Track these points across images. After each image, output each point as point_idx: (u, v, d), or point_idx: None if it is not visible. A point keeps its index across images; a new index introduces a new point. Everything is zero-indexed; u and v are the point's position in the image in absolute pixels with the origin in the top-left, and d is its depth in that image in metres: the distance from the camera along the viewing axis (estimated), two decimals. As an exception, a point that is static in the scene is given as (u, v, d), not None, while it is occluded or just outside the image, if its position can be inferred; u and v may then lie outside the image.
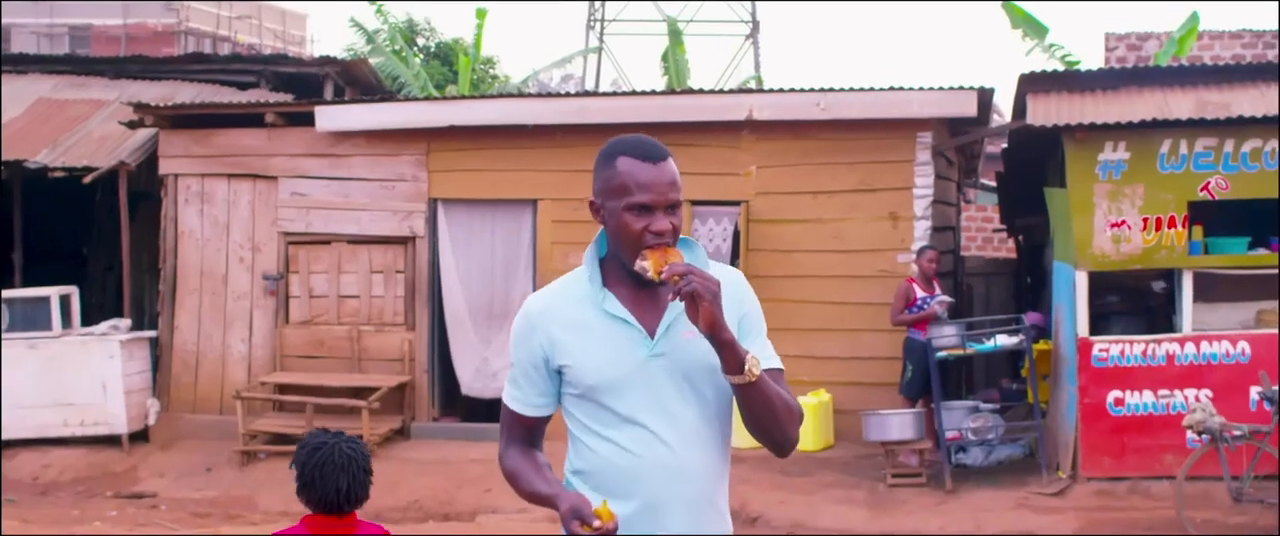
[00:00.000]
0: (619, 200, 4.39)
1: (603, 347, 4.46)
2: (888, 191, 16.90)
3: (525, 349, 4.56)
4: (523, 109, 18.19)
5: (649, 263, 4.32)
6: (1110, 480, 14.58)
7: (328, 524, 6.12)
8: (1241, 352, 14.45)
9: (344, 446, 6.16)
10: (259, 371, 18.38)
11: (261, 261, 18.51)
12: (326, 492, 6.07)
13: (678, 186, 4.43)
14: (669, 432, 4.44)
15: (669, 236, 4.39)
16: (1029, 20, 21.87)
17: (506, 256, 17.90)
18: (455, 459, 16.39)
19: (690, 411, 4.48)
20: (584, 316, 4.50)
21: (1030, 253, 21.76)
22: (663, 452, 4.44)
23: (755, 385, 4.35)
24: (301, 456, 6.13)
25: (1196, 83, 15.31)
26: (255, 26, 57.53)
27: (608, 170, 4.44)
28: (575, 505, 4.26)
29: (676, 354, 4.46)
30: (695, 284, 4.21)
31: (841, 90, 17.03)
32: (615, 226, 4.43)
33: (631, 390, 4.44)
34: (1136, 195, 14.55)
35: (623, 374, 4.44)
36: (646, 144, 4.48)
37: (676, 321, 4.45)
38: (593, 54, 41.46)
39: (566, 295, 4.57)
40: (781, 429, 4.47)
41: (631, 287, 4.50)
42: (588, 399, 4.49)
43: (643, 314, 4.49)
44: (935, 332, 15.68)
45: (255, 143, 18.44)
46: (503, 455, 4.67)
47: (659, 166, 4.41)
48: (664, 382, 4.45)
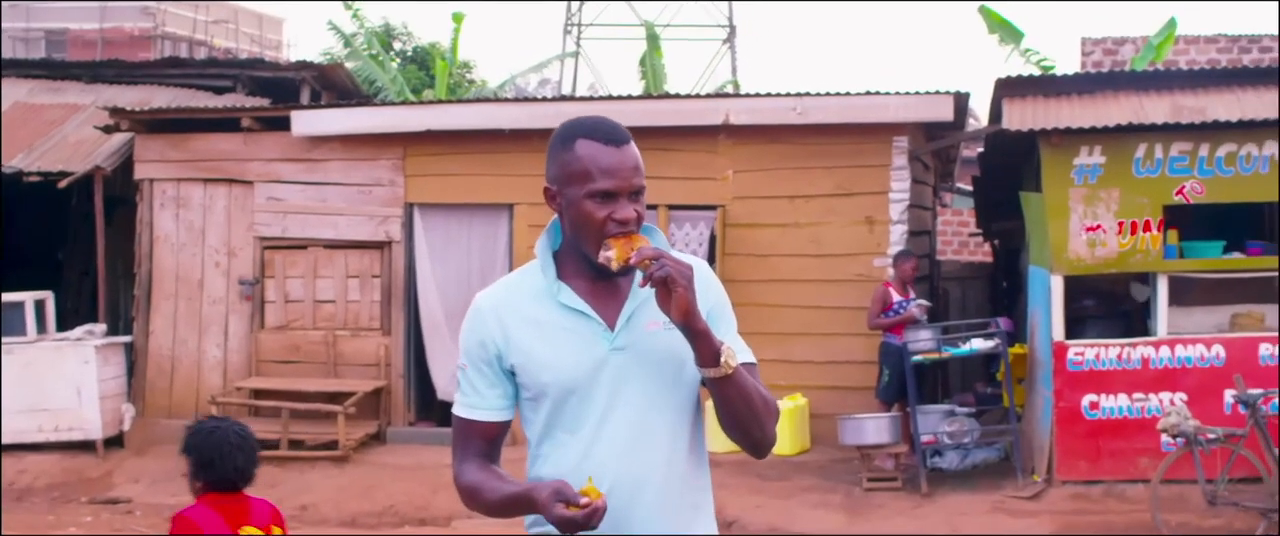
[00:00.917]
0: (579, 187, 4.03)
1: (559, 343, 4.08)
2: (864, 196, 16.92)
3: (477, 347, 4.16)
4: (499, 113, 18.17)
5: (613, 252, 3.96)
6: (1085, 483, 14.61)
7: (224, 500, 6.46)
8: (1216, 356, 14.49)
9: (235, 428, 6.61)
10: (234, 376, 18.35)
11: (237, 266, 18.47)
12: (226, 470, 6.46)
13: (641, 171, 4.08)
14: (635, 433, 4.07)
15: (633, 224, 4.02)
16: (1005, 24, 21.93)
17: (483, 261, 17.89)
18: (431, 463, 16.36)
19: (658, 408, 4.11)
20: (538, 311, 4.12)
21: (1006, 256, 21.81)
22: (629, 455, 4.06)
23: (731, 378, 3.98)
24: (197, 440, 6.54)
25: (1172, 87, 15.34)
26: (232, 31, 57.44)
27: (565, 154, 4.11)
28: (557, 488, 3.83)
29: (639, 346, 4.08)
30: (668, 268, 3.85)
31: (818, 94, 17.05)
32: (575, 215, 4.06)
33: (592, 388, 4.07)
34: (1112, 199, 14.58)
35: (582, 371, 4.06)
36: (606, 125, 4.13)
37: (639, 312, 4.09)
38: (570, 58, 41.47)
39: (519, 289, 4.20)
40: (760, 425, 4.09)
41: (589, 279, 4.13)
42: (544, 400, 4.10)
43: (601, 305, 4.11)
44: (911, 337, 15.71)
45: (231, 147, 18.41)
46: (458, 473, 4.22)
47: (622, 150, 4.06)
48: (627, 378, 4.07)
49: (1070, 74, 16.59)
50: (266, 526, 6.54)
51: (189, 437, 6.60)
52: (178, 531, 6.39)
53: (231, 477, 6.49)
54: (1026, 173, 16.61)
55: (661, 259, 3.88)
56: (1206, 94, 15.01)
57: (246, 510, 6.51)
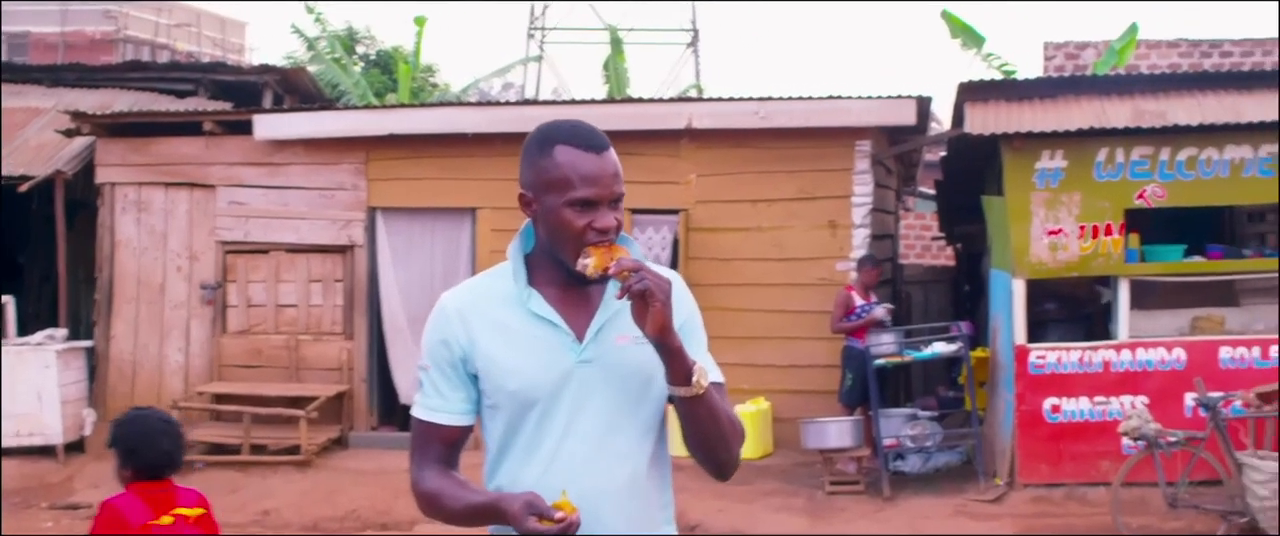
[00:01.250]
0: (558, 195, 3.89)
1: (525, 351, 3.97)
2: (827, 199, 16.96)
3: (442, 348, 4.04)
4: (462, 117, 18.16)
5: (592, 260, 3.84)
6: (1047, 486, 14.64)
7: (151, 489, 6.46)
8: (1177, 359, 14.54)
9: (159, 415, 6.72)
10: (196, 381, 18.30)
11: (199, 270, 18.43)
12: (153, 456, 6.47)
13: (621, 177, 3.96)
14: (597, 448, 3.96)
15: (613, 233, 3.91)
16: (967, 29, 21.99)
17: (446, 265, 17.87)
18: (393, 468, 16.32)
19: (622, 424, 4.00)
20: (506, 316, 4.00)
21: (969, 260, 21.86)
22: (591, 471, 3.95)
23: (701, 398, 3.88)
24: (123, 429, 6.54)
25: (1133, 91, 15.38)
26: (194, 34, 57.28)
27: (543, 160, 3.95)
28: (529, 501, 3.71)
29: (607, 360, 3.97)
30: (647, 282, 3.73)
31: (781, 98, 17.08)
32: (553, 223, 3.93)
33: (556, 399, 3.95)
34: (1073, 203, 14.62)
35: (547, 381, 3.95)
36: (585, 131, 3.99)
37: (609, 324, 3.99)
38: (533, 62, 41.40)
39: (488, 292, 4.08)
40: (726, 447, 4.01)
41: (560, 287, 4.02)
42: (506, 408, 3.99)
43: (571, 315, 4.00)
44: (873, 340, 15.74)
45: (193, 151, 18.36)
46: (417, 479, 4.09)
47: (602, 157, 3.94)
48: (592, 392, 3.97)
49: (1032, 78, 16.64)
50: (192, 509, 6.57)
51: (114, 429, 6.61)
52: (103, 518, 6.43)
53: (159, 463, 6.50)
54: (989, 176, 16.66)
55: (641, 271, 3.77)
56: (1167, 98, 15.05)
57: (173, 498, 6.51)
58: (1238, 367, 14.41)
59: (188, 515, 6.51)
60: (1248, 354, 14.49)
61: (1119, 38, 20.88)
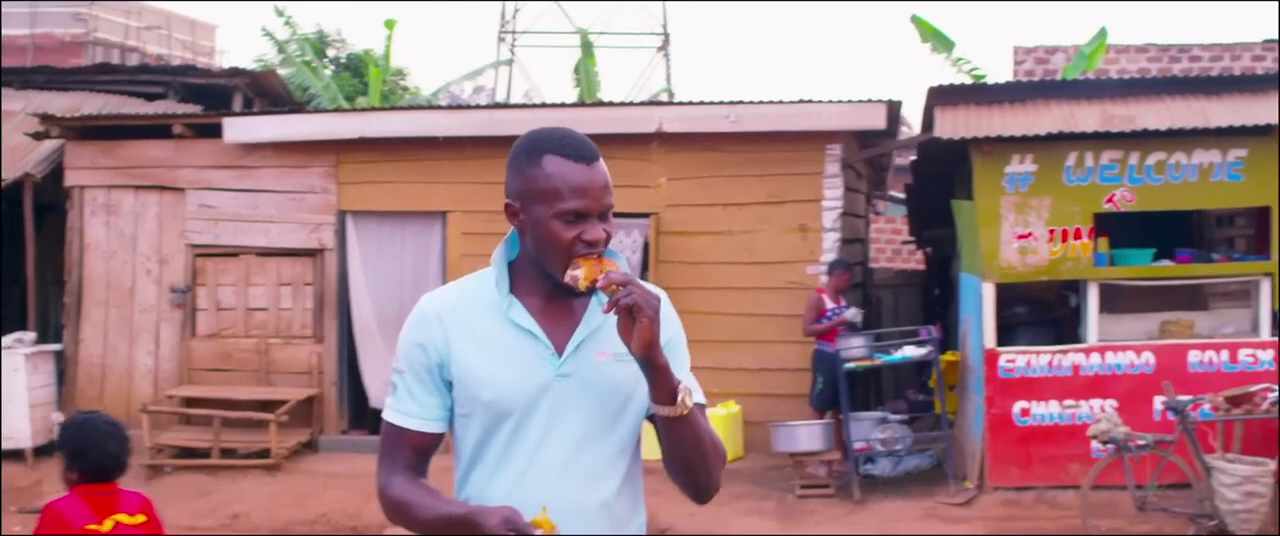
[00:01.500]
0: (547, 206, 3.78)
1: (502, 361, 3.85)
2: (797, 203, 16.98)
3: (418, 350, 3.91)
4: (432, 121, 18.15)
5: (581, 272, 3.74)
6: (1017, 490, 14.67)
7: (96, 491, 6.51)
8: (1146, 363, 14.58)
9: (105, 418, 6.72)
10: (166, 385, 18.25)
11: (168, 274, 18.38)
12: (100, 458, 6.52)
13: (611, 189, 3.87)
14: (569, 465, 3.85)
15: (602, 246, 3.81)
16: (937, 34, 22.01)
17: (416, 269, 17.85)
18: (364, 472, 16.29)
19: (595, 442, 3.89)
20: (485, 324, 3.89)
21: (939, 264, 21.91)
22: (562, 487, 3.84)
23: (685, 420, 3.78)
24: (69, 432, 6.63)
25: (1103, 96, 15.43)
26: (164, 37, 57.06)
27: (532, 170, 3.83)
28: (507, 517, 3.57)
29: (585, 376, 3.87)
30: (636, 297, 3.63)
31: (751, 103, 17.09)
32: (541, 234, 3.81)
33: (529, 413, 3.84)
34: (1043, 207, 14.66)
35: (522, 393, 3.83)
36: (575, 140, 3.87)
37: (590, 339, 3.89)
38: (504, 66, 41.37)
39: (468, 298, 3.96)
40: (707, 470, 3.90)
41: (543, 298, 3.91)
42: (478, 418, 3.88)
43: (552, 328, 3.89)
44: (844, 344, 15.76)
45: (163, 154, 18.32)
46: (386, 484, 3.95)
47: (593, 168, 3.83)
48: (568, 407, 3.86)
49: (1002, 83, 16.66)
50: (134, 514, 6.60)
51: (62, 431, 6.72)
52: (45, 520, 6.47)
53: (105, 465, 6.54)
54: (959, 181, 16.69)
55: (630, 286, 3.67)
56: (1136, 103, 15.10)
57: (115, 502, 6.55)
58: (1206, 371, 14.46)
59: (128, 522, 6.54)
60: (1216, 357, 14.54)
61: (1088, 42, 20.92)
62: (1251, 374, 14.28)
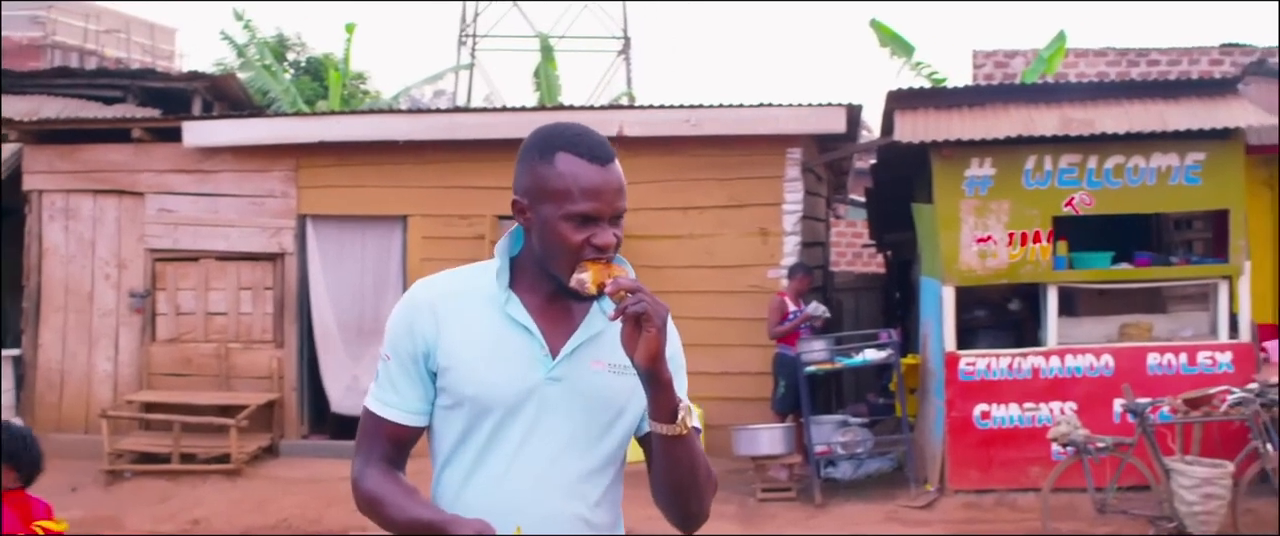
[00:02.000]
0: (557, 206, 3.59)
1: (492, 355, 3.66)
2: (758, 207, 16.99)
3: (406, 338, 3.72)
4: (393, 125, 18.11)
5: (588, 275, 3.56)
6: (977, 492, 14.72)
7: (20, 498, 6.57)
8: (1105, 366, 14.64)
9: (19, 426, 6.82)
10: (125, 390, 18.17)
11: (128, 278, 18.31)
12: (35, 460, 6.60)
13: (624, 193, 3.67)
14: (549, 474, 3.67)
15: (613, 251, 3.64)
16: (896, 38, 22.06)
17: (376, 273, 17.83)
18: (325, 477, 16.26)
19: (579, 453, 3.70)
20: (479, 315, 3.71)
21: (899, 268, 21.93)
22: (538, 498, 3.65)
23: (683, 440, 3.61)
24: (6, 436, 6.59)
25: (1061, 100, 15.47)
26: (123, 41, 56.83)
27: (543, 168, 3.64)
28: (479, 530, 3.42)
29: (576, 382, 3.68)
30: (645, 305, 3.45)
31: (712, 107, 17.10)
32: (549, 235, 3.63)
33: (513, 414, 3.65)
34: (1002, 211, 14.71)
35: (510, 391, 3.64)
36: (591, 139, 3.68)
37: (586, 346, 3.70)
38: (465, 70, 41.33)
39: (465, 287, 3.77)
40: (698, 498, 3.76)
41: (544, 299, 3.73)
42: (460, 413, 3.68)
43: (549, 328, 3.71)
44: (805, 348, 15.77)
45: (122, 158, 18.25)
46: (360, 476, 3.75)
47: (607, 169, 3.63)
48: (555, 413, 3.67)
49: (961, 87, 16.70)
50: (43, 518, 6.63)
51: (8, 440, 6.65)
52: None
53: (38, 467, 6.63)
54: (918, 184, 16.72)
55: (640, 293, 3.48)
56: (1095, 106, 15.15)
57: (31, 507, 6.59)
58: (1165, 374, 14.54)
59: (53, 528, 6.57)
60: (1175, 360, 14.62)
61: (1047, 46, 20.99)
62: (1210, 376, 14.35)
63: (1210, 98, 15.18)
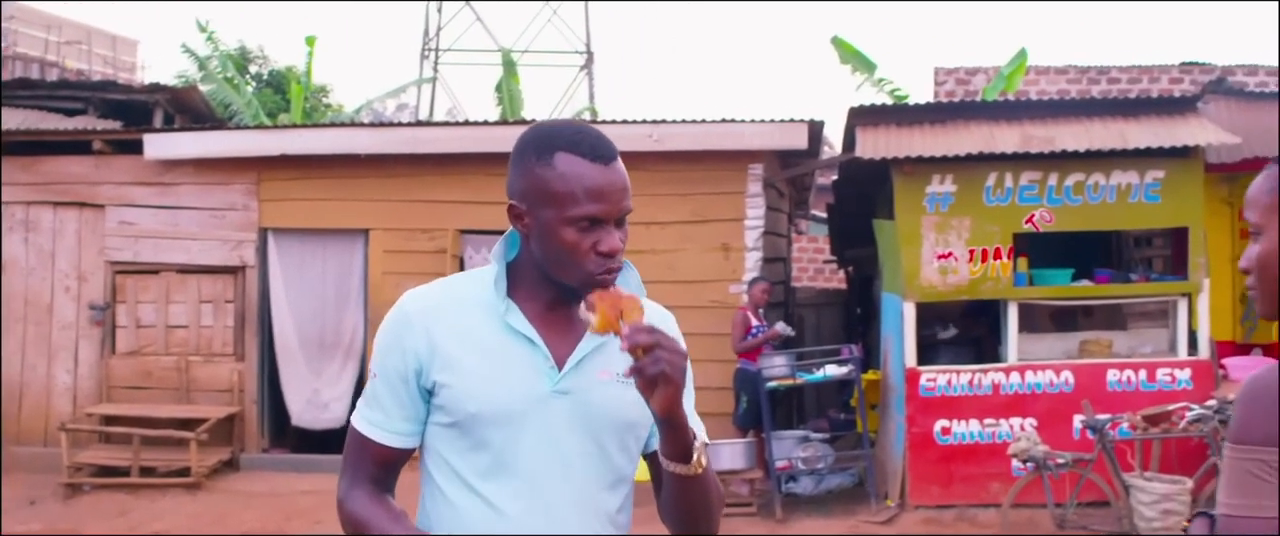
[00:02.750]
0: (558, 210, 3.36)
1: (493, 369, 3.42)
2: (720, 222, 17.00)
3: (396, 355, 3.48)
4: (354, 138, 18.07)
5: (595, 316, 3.27)
6: (938, 508, 14.74)
7: None
8: (1065, 382, 14.69)
9: None
10: (85, 402, 18.09)
11: (88, 291, 18.24)
12: None
13: (629, 192, 3.47)
14: (556, 492, 3.43)
15: (619, 257, 3.44)
16: (858, 56, 22.11)
17: (338, 287, 17.79)
18: (285, 490, 16.23)
19: (587, 470, 3.47)
20: (477, 326, 3.46)
21: (860, 283, 22.00)
22: (542, 518, 3.42)
23: (698, 476, 3.41)
24: None
25: (1022, 117, 15.53)
26: (85, 52, 56.64)
27: (542, 169, 3.40)
28: None
29: (584, 395, 3.44)
30: (664, 365, 3.20)
31: (674, 122, 17.10)
32: (551, 242, 3.40)
33: (520, 430, 3.41)
34: (963, 227, 14.76)
35: (514, 407, 3.40)
36: (592, 137, 3.46)
37: (594, 355, 3.49)
38: (427, 83, 41.31)
39: (460, 297, 3.53)
40: (709, 521, 3.56)
41: (544, 306, 3.51)
42: (460, 432, 3.43)
43: (553, 336, 3.49)
44: (766, 363, 15.80)
45: (82, 170, 18.18)
46: (345, 497, 3.57)
47: (610, 168, 3.41)
48: (562, 428, 3.43)
49: (923, 103, 16.74)
50: None
51: None
52: None
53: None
54: (880, 200, 16.77)
55: (657, 351, 3.21)
56: (1055, 124, 15.21)
57: None
58: (1125, 390, 14.59)
59: None
60: (1135, 376, 14.67)
61: (1008, 64, 21.06)
62: (1169, 393, 14.41)
63: (1170, 116, 15.26)
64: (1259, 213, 3.15)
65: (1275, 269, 3.12)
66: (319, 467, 17.17)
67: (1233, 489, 2.94)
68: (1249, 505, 2.91)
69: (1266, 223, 3.13)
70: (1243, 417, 2.96)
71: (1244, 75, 21.58)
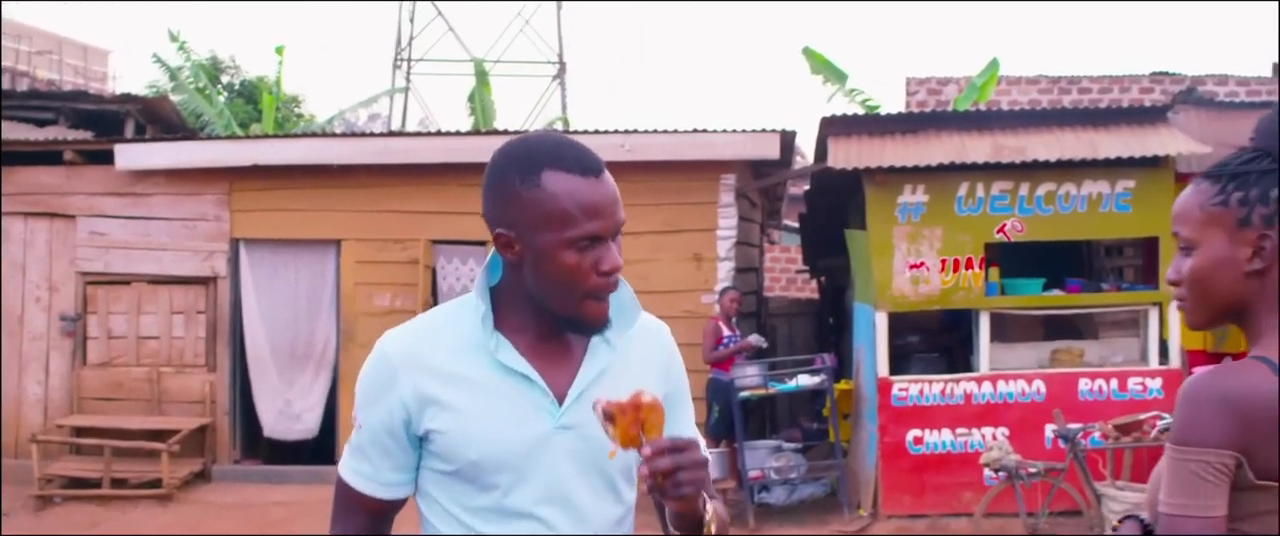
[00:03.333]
0: (556, 232, 3.15)
1: (493, 412, 3.21)
2: (692, 232, 17.00)
3: (381, 406, 3.26)
4: (326, 149, 18.05)
5: (615, 429, 3.02)
6: (910, 517, 14.76)
7: None
8: (1037, 391, 14.72)
9: None
10: (56, 414, 18.02)
11: (59, 302, 18.17)
12: None
13: (620, 202, 3.29)
14: (564, 530, 3.25)
15: (618, 275, 3.25)
16: (829, 66, 22.10)
17: (310, 297, 17.76)
18: (257, 501, 16.19)
19: (595, 504, 3.30)
20: (468, 368, 3.24)
21: (833, 293, 22.00)
22: None
23: None
24: None
25: (993, 127, 15.57)
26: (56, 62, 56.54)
27: (530, 192, 3.17)
28: None
29: (588, 429, 3.19)
30: (687, 488, 3.01)
31: (646, 132, 17.11)
32: (549, 268, 3.18)
33: (526, 472, 3.22)
34: (935, 237, 14.78)
35: (516, 449, 3.20)
36: (576, 150, 3.26)
37: (593, 386, 3.28)
38: (400, 93, 41.26)
39: (442, 337, 3.29)
40: None
41: (535, 336, 3.29)
42: (459, 479, 3.24)
43: (549, 370, 3.28)
44: (738, 373, 15.80)
45: (53, 181, 18.11)
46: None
47: (602, 181, 3.24)
48: (568, 465, 3.25)
49: (894, 113, 16.79)
50: None
51: None
52: None
53: None
54: (852, 210, 16.79)
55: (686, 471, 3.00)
56: (1027, 134, 15.24)
57: None
58: (1096, 399, 14.62)
59: None
60: (1106, 386, 14.70)
61: (980, 74, 21.09)
62: (1140, 402, 14.44)
63: (1140, 126, 15.31)
64: (1192, 227, 3.24)
65: (1209, 282, 3.21)
66: (291, 478, 17.13)
67: (1177, 489, 3.02)
68: (1193, 505, 2.98)
69: (1201, 237, 3.21)
70: (1185, 420, 3.05)
71: (1214, 85, 21.66)
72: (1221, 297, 3.21)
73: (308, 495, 16.07)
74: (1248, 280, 3.17)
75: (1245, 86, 21.69)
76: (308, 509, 15.45)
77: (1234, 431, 2.97)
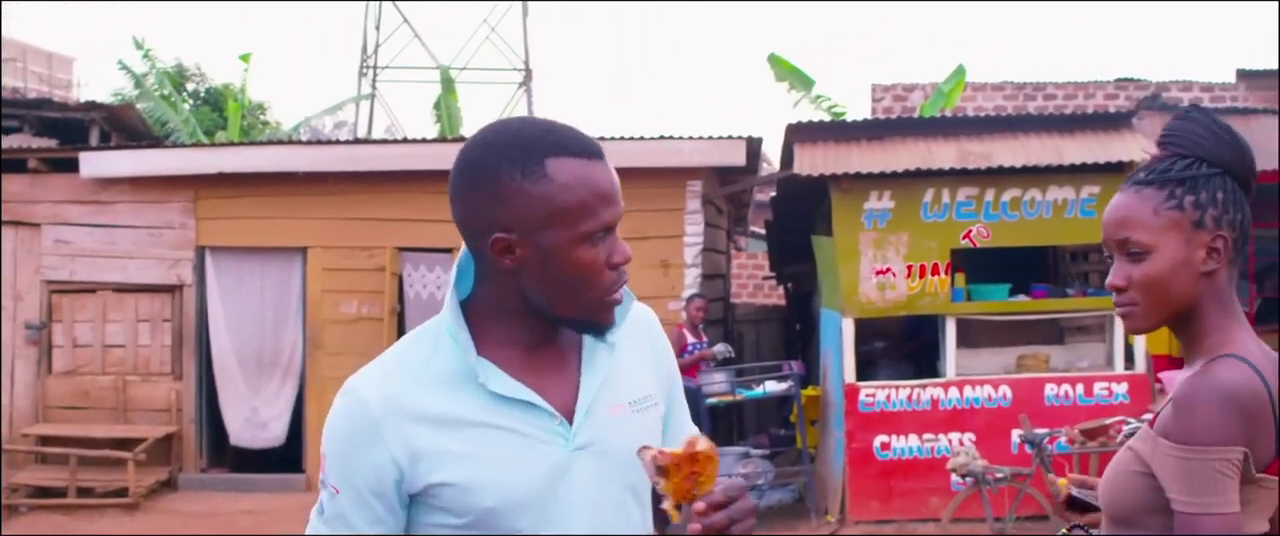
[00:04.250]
0: (571, 227, 2.82)
1: (498, 451, 2.83)
2: (659, 239, 16.99)
3: (364, 466, 2.83)
4: (292, 156, 18.02)
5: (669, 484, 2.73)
6: (878, 523, 14.77)
7: None
8: (1003, 397, 14.75)
9: None
10: (20, 423, 17.94)
11: (23, 310, 18.09)
12: None
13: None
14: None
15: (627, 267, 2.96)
16: (795, 72, 22.12)
17: (276, 305, 17.71)
18: (224, 510, 16.15)
19: (620, 517, 2.96)
20: (458, 406, 2.84)
21: (799, 299, 22.03)
22: None
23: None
24: None
25: (959, 133, 15.60)
26: (20, 70, 56.24)
27: (535, 185, 2.81)
28: None
29: (604, 443, 2.91)
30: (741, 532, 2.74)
31: (612, 138, 17.07)
32: (563, 269, 2.85)
33: (546, 504, 2.86)
34: (901, 243, 14.80)
35: (535, 485, 2.85)
36: (575, 134, 2.91)
37: (600, 395, 2.96)
38: (366, 101, 41.16)
39: (419, 374, 2.88)
40: None
41: (523, 350, 2.92)
42: (473, 528, 2.85)
43: (548, 387, 2.92)
44: (706, 380, 15.81)
45: (17, 189, 18.03)
46: None
47: (606, 163, 2.92)
48: (589, 486, 2.90)
49: (860, 120, 16.82)
50: None
51: None
52: None
53: None
54: (818, 217, 16.80)
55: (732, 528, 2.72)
56: (992, 140, 15.29)
57: None
58: (1062, 404, 14.66)
59: None
60: (1072, 391, 14.74)
61: (947, 80, 21.13)
62: (1106, 407, 14.47)
63: (1105, 132, 15.37)
64: (1148, 232, 3.28)
65: (1169, 285, 3.26)
66: (258, 487, 17.09)
67: (1198, 489, 3.06)
68: (1219, 502, 3.05)
69: (1158, 241, 3.26)
70: (1194, 422, 3.09)
71: (1179, 91, 21.77)
72: (1176, 299, 3.28)
73: (275, 503, 16.04)
74: (1200, 280, 3.26)
75: (1209, 92, 21.80)
76: (275, 517, 15.41)
77: (1241, 428, 3.06)
